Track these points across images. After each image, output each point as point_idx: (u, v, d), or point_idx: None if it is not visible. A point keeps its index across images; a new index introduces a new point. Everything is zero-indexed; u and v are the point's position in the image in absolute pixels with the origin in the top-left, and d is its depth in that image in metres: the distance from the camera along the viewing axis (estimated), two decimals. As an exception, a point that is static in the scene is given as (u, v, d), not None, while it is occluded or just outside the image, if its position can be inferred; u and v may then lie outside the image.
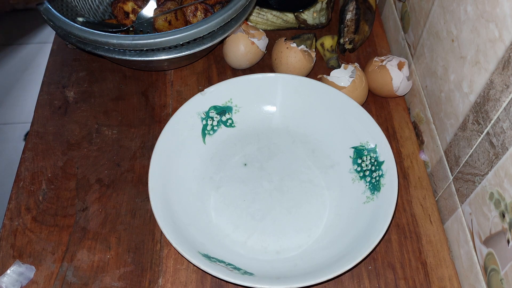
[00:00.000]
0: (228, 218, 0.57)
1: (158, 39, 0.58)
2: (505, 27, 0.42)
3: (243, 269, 0.50)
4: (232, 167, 0.61)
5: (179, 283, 0.52)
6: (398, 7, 0.72)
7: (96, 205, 0.58)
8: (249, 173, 0.60)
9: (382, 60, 0.65)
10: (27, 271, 0.52)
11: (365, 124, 0.59)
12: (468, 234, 0.51)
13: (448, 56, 0.54)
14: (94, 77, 0.71)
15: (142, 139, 0.64)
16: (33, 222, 0.56)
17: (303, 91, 0.62)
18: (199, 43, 0.62)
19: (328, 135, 0.62)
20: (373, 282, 0.53)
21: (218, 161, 0.61)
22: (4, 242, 0.55)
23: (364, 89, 0.64)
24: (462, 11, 0.50)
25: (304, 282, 0.47)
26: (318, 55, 0.73)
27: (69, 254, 0.54)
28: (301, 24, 0.75)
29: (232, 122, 0.63)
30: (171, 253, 0.54)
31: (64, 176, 0.60)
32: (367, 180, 0.57)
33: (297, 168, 0.61)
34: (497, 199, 0.45)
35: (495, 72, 0.44)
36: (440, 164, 0.58)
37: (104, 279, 0.52)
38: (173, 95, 0.68)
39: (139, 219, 0.57)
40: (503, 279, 0.44)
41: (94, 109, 0.67)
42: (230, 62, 0.70)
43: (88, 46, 0.61)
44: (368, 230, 0.52)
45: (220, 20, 0.60)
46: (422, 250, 0.55)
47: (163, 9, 0.68)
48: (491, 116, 0.45)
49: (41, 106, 0.67)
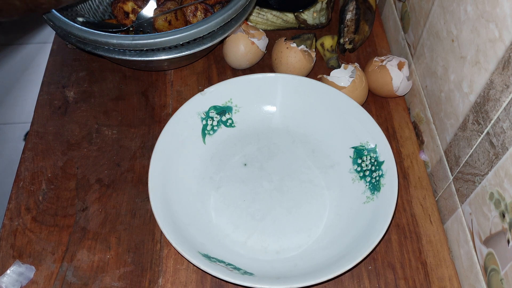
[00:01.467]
0: (228, 218, 0.57)
1: (158, 39, 0.58)
2: (505, 27, 0.42)
3: (243, 269, 0.50)
4: (232, 167, 0.61)
5: (179, 283, 0.52)
6: (398, 7, 0.72)
7: (96, 205, 0.58)
8: (249, 173, 0.60)
9: (382, 60, 0.65)
10: (27, 271, 0.52)
11: (365, 124, 0.59)
12: (468, 234, 0.51)
13: (448, 56, 0.54)
14: (94, 77, 0.71)
15: (142, 139, 0.64)
16: (33, 222, 0.56)
17: (303, 91, 0.62)
18: (199, 43, 0.62)
19: (328, 135, 0.62)
20: (373, 282, 0.53)
21: (218, 161, 0.61)
22: (4, 242, 0.55)
23: (364, 89, 0.64)
24: (462, 11, 0.50)
25: (304, 282, 0.47)
26: (318, 55, 0.73)
27: (69, 254, 0.54)
28: (301, 24, 0.75)
29: (232, 122, 0.63)
30: (171, 253, 0.54)
31: (64, 176, 0.60)
32: (367, 180, 0.57)
33: (297, 168, 0.61)
34: (497, 199, 0.45)
35: (495, 72, 0.44)
36: (440, 164, 0.58)
37: (104, 279, 0.52)
38: (173, 95, 0.68)
39: (139, 219, 0.57)
40: (503, 279, 0.44)
41: (94, 109, 0.67)
42: (230, 62, 0.70)
43: (88, 46, 0.61)
44: (368, 230, 0.52)
45: (220, 20, 0.60)
46: (422, 250, 0.55)
47: (163, 9, 0.68)
48: (491, 116, 0.45)
49: (41, 106, 0.67)
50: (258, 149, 0.62)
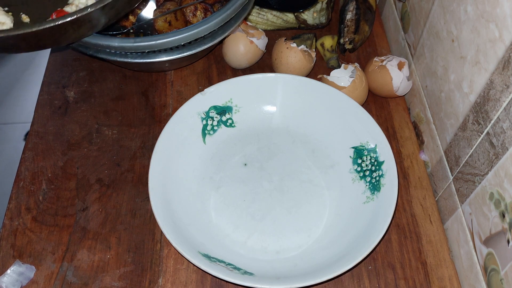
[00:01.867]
0: (228, 218, 0.57)
1: (160, 40, 0.58)
2: (505, 27, 0.42)
3: (243, 269, 0.50)
4: (232, 167, 0.61)
5: (179, 283, 0.52)
6: (398, 7, 0.72)
7: (96, 205, 0.58)
8: (249, 173, 0.60)
9: (382, 60, 0.65)
10: (27, 271, 0.52)
11: (365, 124, 0.59)
12: (468, 234, 0.51)
13: (448, 56, 0.54)
14: (94, 77, 0.71)
15: (142, 139, 0.64)
16: (33, 222, 0.56)
17: (303, 91, 0.62)
18: (200, 43, 0.62)
19: (328, 135, 0.62)
20: (373, 282, 0.53)
21: (218, 161, 0.61)
22: (4, 242, 0.55)
23: (364, 89, 0.64)
24: (462, 11, 0.50)
25: (304, 282, 0.47)
26: (318, 55, 0.73)
27: (69, 254, 0.54)
28: (301, 24, 0.75)
29: (232, 122, 0.63)
30: (171, 253, 0.54)
31: (64, 176, 0.60)
32: (367, 180, 0.57)
33: (297, 168, 0.61)
34: (497, 199, 0.45)
35: (495, 72, 0.44)
36: (440, 164, 0.58)
37: (104, 279, 0.52)
38: (173, 95, 0.68)
39: (139, 219, 0.57)
40: (503, 279, 0.44)
41: (94, 109, 0.67)
42: (230, 62, 0.70)
43: (89, 50, 0.61)
44: (368, 230, 0.52)
45: (221, 19, 0.60)
46: (422, 250, 0.55)
47: (162, 10, 0.68)
48: (491, 116, 0.45)
49: (41, 106, 0.67)
50: (258, 149, 0.62)
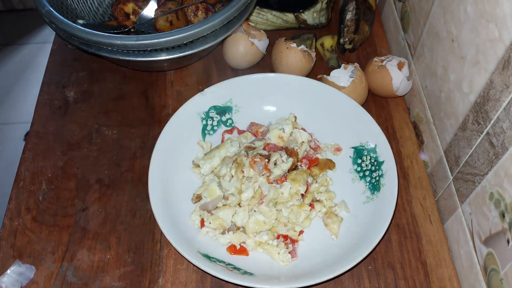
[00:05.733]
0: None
1: (162, 38, 0.58)
2: (505, 27, 0.42)
3: (243, 269, 0.50)
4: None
5: (179, 283, 0.52)
6: (398, 7, 0.72)
7: (96, 205, 0.58)
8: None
9: (382, 60, 0.65)
10: (27, 271, 0.52)
11: (365, 124, 0.59)
12: (468, 234, 0.51)
13: (448, 56, 0.54)
14: (94, 77, 0.71)
15: (142, 139, 0.64)
16: (33, 222, 0.56)
17: (303, 91, 0.62)
18: (202, 42, 0.62)
19: (328, 135, 0.62)
20: (373, 282, 0.53)
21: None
22: (4, 242, 0.55)
23: (364, 89, 0.64)
24: (462, 11, 0.50)
25: (304, 282, 0.47)
26: (318, 55, 0.73)
27: (69, 254, 0.54)
28: (301, 24, 0.75)
29: (232, 122, 0.63)
30: (171, 253, 0.54)
31: (64, 176, 0.60)
32: (367, 180, 0.57)
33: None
34: (497, 199, 0.45)
35: (495, 72, 0.44)
36: (440, 164, 0.58)
37: (104, 279, 0.52)
38: (173, 95, 0.68)
39: (139, 219, 0.57)
40: (503, 279, 0.44)
41: (94, 109, 0.67)
42: (229, 62, 0.70)
43: (91, 48, 0.60)
44: (368, 230, 0.52)
45: (224, 18, 0.60)
46: (422, 250, 0.55)
47: (164, 9, 0.68)
48: (491, 116, 0.45)
49: (41, 106, 0.67)
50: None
